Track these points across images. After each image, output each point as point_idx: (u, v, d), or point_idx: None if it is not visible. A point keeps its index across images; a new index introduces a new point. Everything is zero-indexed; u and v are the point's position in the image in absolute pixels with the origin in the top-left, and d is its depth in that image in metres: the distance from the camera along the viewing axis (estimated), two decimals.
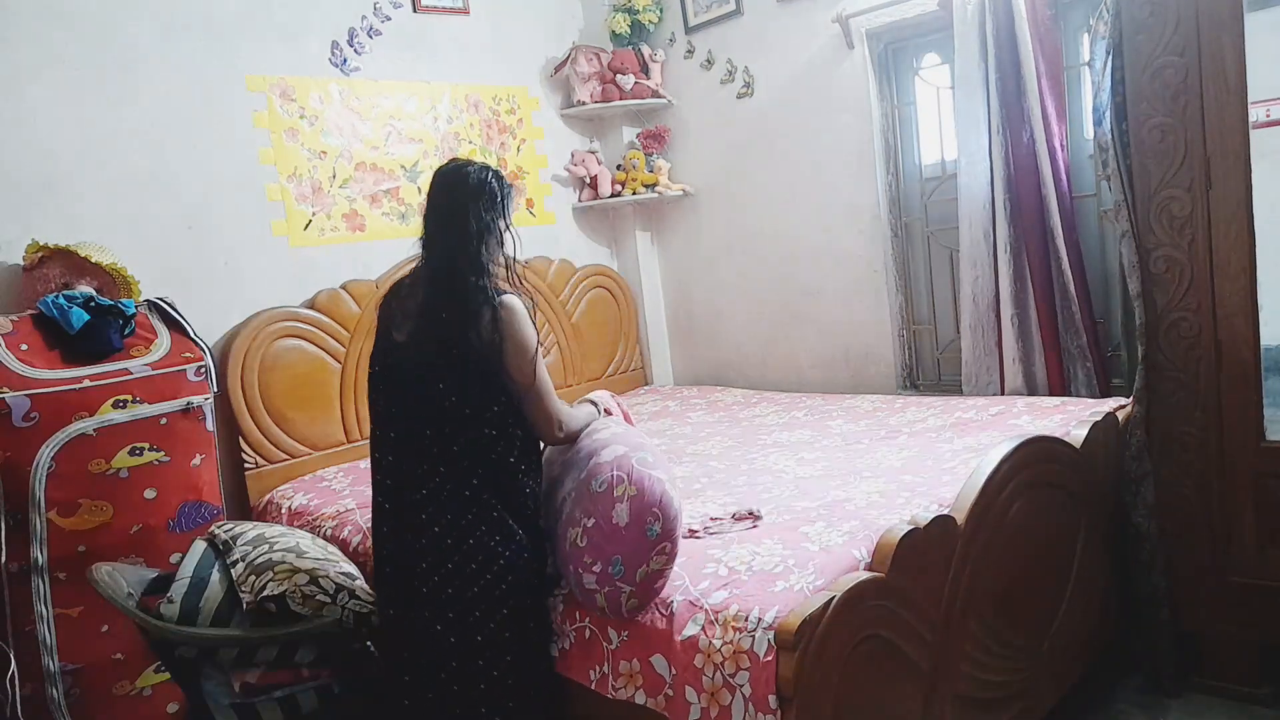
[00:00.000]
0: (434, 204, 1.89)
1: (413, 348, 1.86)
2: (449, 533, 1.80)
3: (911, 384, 3.49)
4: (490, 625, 1.80)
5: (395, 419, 1.88)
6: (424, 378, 1.83)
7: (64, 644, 2.20)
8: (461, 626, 1.80)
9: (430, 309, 1.84)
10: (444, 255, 1.85)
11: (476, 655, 1.80)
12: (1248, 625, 2.25)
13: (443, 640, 1.80)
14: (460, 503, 1.81)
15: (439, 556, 1.80)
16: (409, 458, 1.85)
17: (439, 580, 1.80)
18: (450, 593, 1.80)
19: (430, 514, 1.82)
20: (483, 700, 1.80)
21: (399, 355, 1.88)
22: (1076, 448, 2.22)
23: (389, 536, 1.89)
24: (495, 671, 1.80)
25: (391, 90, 3.34)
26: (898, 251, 3.42)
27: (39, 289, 2.42)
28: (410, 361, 1.85)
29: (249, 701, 1.92)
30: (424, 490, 1.82)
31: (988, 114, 2.90)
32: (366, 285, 3.20)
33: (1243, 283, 2.13)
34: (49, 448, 2.17)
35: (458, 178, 1.88)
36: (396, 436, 1.88)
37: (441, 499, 1.82)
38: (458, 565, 1.80)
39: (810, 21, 3.38)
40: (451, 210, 1.85)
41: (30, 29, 2.55)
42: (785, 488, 2.31)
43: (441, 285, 1.84)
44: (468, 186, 1.85)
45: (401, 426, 1.87)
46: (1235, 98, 2.07)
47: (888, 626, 1.68)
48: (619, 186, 3.90)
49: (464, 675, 1.80)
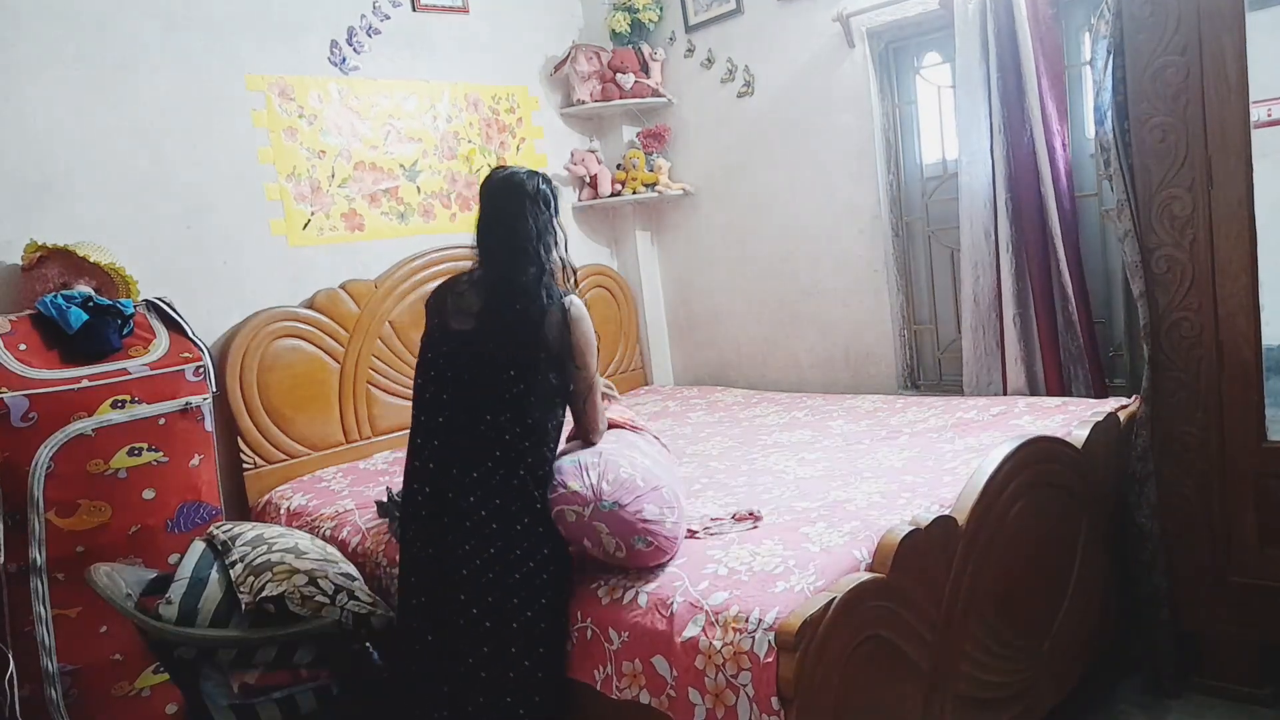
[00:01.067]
0: (489, 212, 1.95)
1: (481, 336, 1.89)
2: (495, 518, 1.83)
3: (912, 384, 3.48)
4: (527, 614, 1.81)
5: (448, 405, 1.90)
6: (492, 365, 1.87)
7: (63, 645, 2.20)
8: (499, 614, 1.81)
9: (499, 303, 1.89)
10: (505, 258, 1.90)
11: (510, 642, 1.81)
12: (1248, 625, 2.24)
13: (478, 624, 1.81)
14: (509, 491, 1.84)
15: (482, 542, 1.82)
16: (461, 443, 1.87)
17: (480, 564, 1.82)
18: (491, 578, 1.81)
19: (478, 498, 1.84)
20: (510, 689, 1.81)
21: (463, 342, 1.91)
22: (1078, 448, 2.22)
23: (425, 521, 1.90)
24: (527, 661, 1.81)
25: (391, 89, 3.33)
26: (898, 251, 3.41)
27: (37, 289, 2.42)
28: (476, 349, 1.89)
29: (248, 702, 1.92)
30: (474, 474, 1.85)
31: (989, 113, 2.90)
32: (365, 285, 3.20)
33: (1244, 282, 2.12)
34: (47, 448, 2.17)
35: (511, 184, 1.93)
36: (446, 422, 1.89)
37: (491, 485, 1.84)
38: (500, 551, 1.82)
39: (811, 20, 3.37)
40: (510, 215, 1.91)
41: (30, 28, 2.54)
42: (786, 488, 2.30)
43: (508, 285, 1.89)
44: (523, 192, 1.91)
45: (455, 412, 1.89)
46: (1236, 97, 2.06)
47: (888, 627, 1.67)
48: (619, 186, 3.90)
49: (495, 661, 1.81)
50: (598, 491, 1.83)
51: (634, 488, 1.86)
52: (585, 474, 1.86)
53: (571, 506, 1.85)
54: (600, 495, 1.83)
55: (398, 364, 3.27)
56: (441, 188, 3.48)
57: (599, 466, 1.88)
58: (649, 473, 1.93)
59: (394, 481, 2.58)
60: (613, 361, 3.98)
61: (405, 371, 3.28)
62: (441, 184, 3.48)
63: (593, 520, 1.83)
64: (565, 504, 1.85)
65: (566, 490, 1.85)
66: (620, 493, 1.84)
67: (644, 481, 1.89)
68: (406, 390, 3.28)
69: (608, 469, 1.88)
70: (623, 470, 1.89)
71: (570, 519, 1.85)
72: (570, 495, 1.84)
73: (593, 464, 1.89)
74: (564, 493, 1.85)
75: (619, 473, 1.88)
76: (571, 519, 1.85)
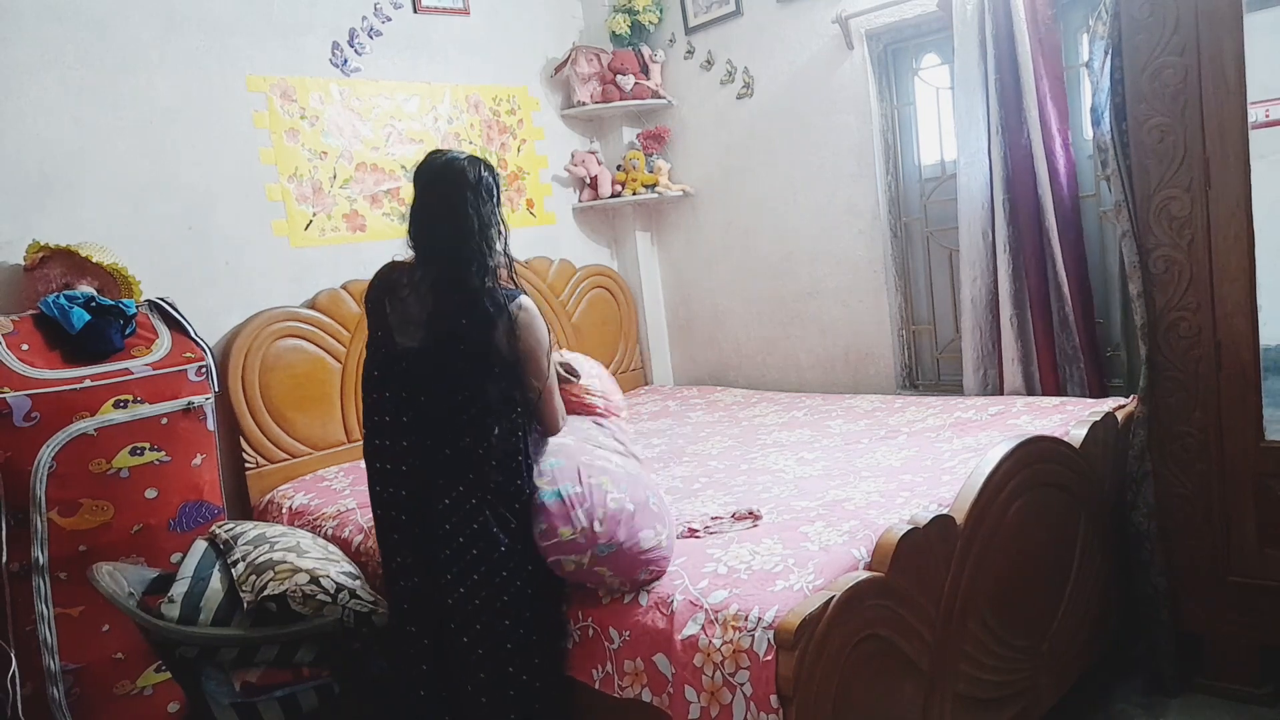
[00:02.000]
0: (425, 199, 1.79)
1: (430, 355, 1.79)
2: (474, 543, 1.79)
3: (911, 384, 3.49)
4: (519, 631, 1.80)
5: (411, 427, 1.81)
6: (446, 387, 1.78)
7: (65, 643, 2.21)
8: (490, 638, 1.79)
9: (444, 315, 1.78)
10: (448, 256, 1.77)
11: (507, 662, 1.80)
12: (1248, 625, 2.25)
13: (471, 651, 1.80)
14: (486, 511, 1.79)
15: (465, 567, 1.79)
16: (431, 467, 1.80)
17: (465, 591, 1.79)
18: (478, 604, 1.79)
19: (454, 524, 1.79)
20: (511, 703, 1.81)
21: (413, 360, 1.80)
22: (1076, 447, 2.22)
23: (403, 547, 1.85)
24: (525, 676, 1.81)
25: (392, 90, 3.34)
26: (897, 252, 3.42)
27: (40, 289, 2.42)
28: (427, 369, 1.79)
29: (249, 701, 1.92)
30: (447, 500, 1.79)
31: (987, 114, 2.90)
32: (367, 285, 3.20)
33: (1242, 283, 2.13)
34: (50, 448, 2.17)
35: (449, 170, 1.77)
36: (412, 446, 1.81)
37: (466, 509, 1.79)
38: (484, 576, 1.79)
39: (810, 22, 3.38)
40: (447, 206, 1.76)
41: (30, 28, 2.55)
42: (785, 487, 2.31)
43: (452, 290, 1.78)
44: (463, 180, 1.76)
45: (421, 435, 1.80)
46: (1234, 98, 2.07)
47: (887, 626, 1.68)
48: (619, 187, 3.90)
49: (494, 679, 1.80)
50: (592, 536, 1.78)
51: (626, 517, 1.81)
52: (574, 514, 1.79)
53: (569, 557, 1.80)
54: (596, 539, 1.78)
55: None
56: None
57: (585, 501, 1.81)
58: (631, 485, 1.89)
59: None
60: (613, 361, 3.99)
61: None
62: None
63: (594, 567, 1.81)
64: (561, 554, 1.80)
65: (560, 539, 1.79)
66: (615, 530, 1.79)
67: (632, 502, 1.85)
68: None
69: (594, 502, 1.81)
70: (610, 498, 1.83)
71: (570, 568, 1.82)
72: (565, 544, 1.79)
73: (577, 497, 1.81)
74: (557, 541, 1.79)
75: (607, 503, 1.82)
76: (571, 568, 1.82)
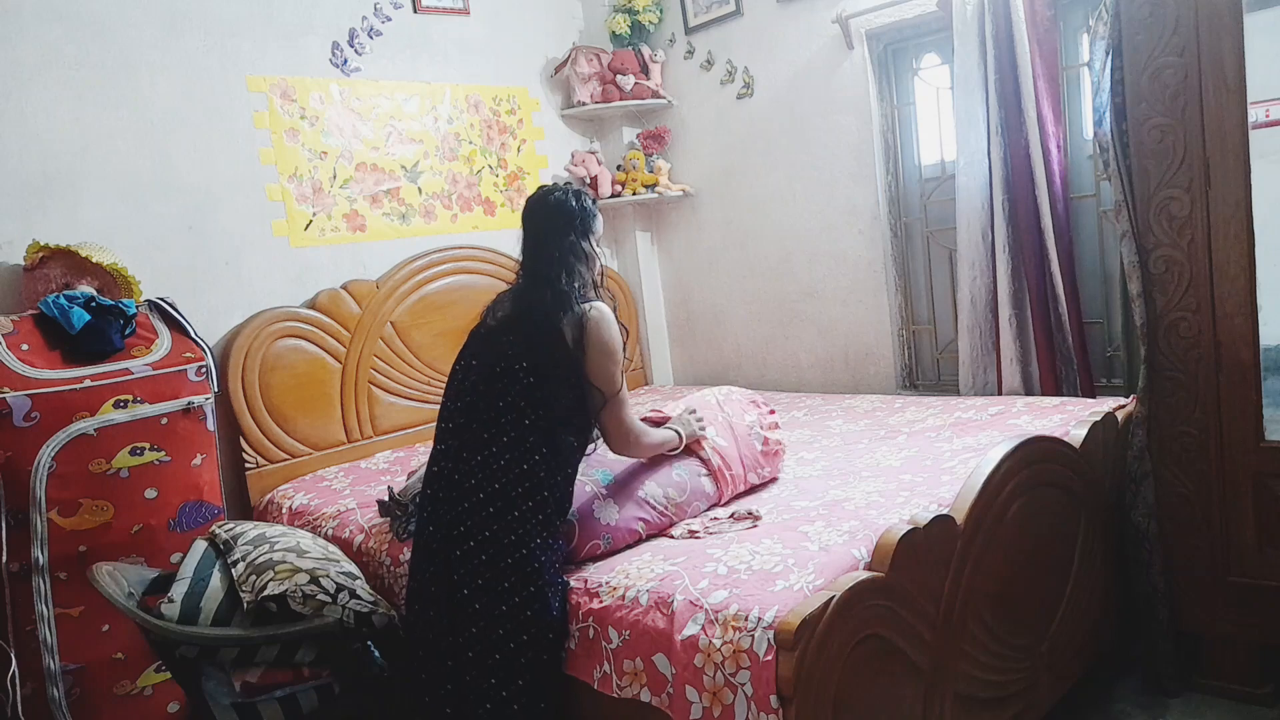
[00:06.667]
0: (525, 231, 2.04)
1: (504, 328, 1.97)
2: (493, 500, 1.85)
3: (911, 384, 3.49)
4: (510, 645, 1.81)
5: (466, 390, 1.96)
6: (508, 354, 1.92)
7: (65, 643, 2.21)
8: (488, 595, 1.82)
9: (524, 302, 1.97)
10: (536, 271, 1.97)
11: (498, 625, 1.82)
12: (1248, 625, 2.25)
13: (467, 605, 1.83)
14: (513, 475, 1.86)
15: (479, 521, 1.84)
16: (473, 423, 1.91)
17: (474, 545, 1.84)
18: (484, 559, 1.83)
19: (479, 480, 1.86)
20: (494, 671, 1.81)
21: (487, 331, 2.00)
22: (1076, 447, 2.22)
23: (436, 500, 1.93)
24: (521, 680, 1.82)
25: (392, 91, 3.34)
26: (897, 251, 3.42)
27: (40, 289, 2.42)
28: (497, 339, 1.96)
29: (249, 701, 1.92)
30: (479, 456, 1.88)
31: (986, 114, 2.90)
32: (367, 285, 3.21)
33: (1242, 283, 2.13)
34: (50, 448, 2.18)
35: (541, 204, 2.02)
36: (464, 406, 1.95)
37: (493, 468, 1.86)
38: (495, 534, 1.84)
39: (810, 22, 3.38)
40: (539, 232, 1.99)
41: (30, 29, 2.55)
42: (785, 487, 2.31)
43: (533, 289, 1.96)
44: (550, 210, 2.00)
45: (473, 395, 1.94)
46: (1234, 98, 2.07)
47: (887, 626, 1.68)
48: (619, 187, 3.90)
49: (482, 641, 1.82)
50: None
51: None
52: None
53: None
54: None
55: (399, 364, 3.28)
56: (443, 189, 3.49)
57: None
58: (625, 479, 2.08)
59: (395, 481, 2.59)
60: None
61: (407, 372, 3.30)
62: (443, 185, 3.49)
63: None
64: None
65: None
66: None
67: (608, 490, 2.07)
68: (408, 390, 3.30)
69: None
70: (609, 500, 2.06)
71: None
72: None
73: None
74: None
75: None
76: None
